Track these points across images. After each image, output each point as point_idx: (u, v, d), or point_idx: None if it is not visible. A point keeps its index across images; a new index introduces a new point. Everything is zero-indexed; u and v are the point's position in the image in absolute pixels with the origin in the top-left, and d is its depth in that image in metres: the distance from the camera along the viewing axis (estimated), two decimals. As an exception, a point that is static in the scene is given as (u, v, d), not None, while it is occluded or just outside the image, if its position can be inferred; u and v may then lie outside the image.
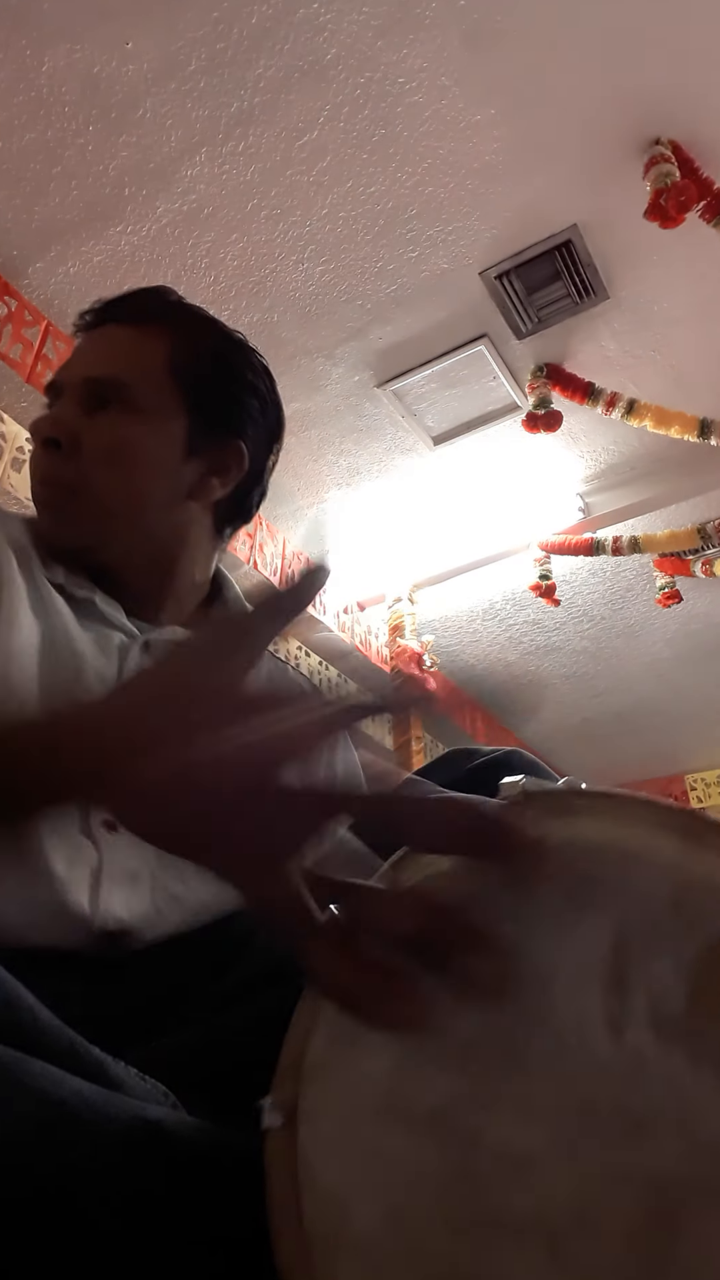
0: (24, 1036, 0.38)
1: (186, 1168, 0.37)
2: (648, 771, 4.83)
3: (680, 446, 2.80)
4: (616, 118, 2.03)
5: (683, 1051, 0.29)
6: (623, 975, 0.31)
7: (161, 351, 0.80)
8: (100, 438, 0.77)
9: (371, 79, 1.95)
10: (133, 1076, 0.45)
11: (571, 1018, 0.31)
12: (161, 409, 0.79)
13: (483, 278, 2.39)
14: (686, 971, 0.30)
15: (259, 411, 0.86)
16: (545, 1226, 0.29)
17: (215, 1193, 0.36)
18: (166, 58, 1.91)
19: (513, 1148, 0.30)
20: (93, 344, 0.83)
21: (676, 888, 0.31)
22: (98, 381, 0.78)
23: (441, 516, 3.23)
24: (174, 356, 0.80)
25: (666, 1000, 0.30)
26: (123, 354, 0.80)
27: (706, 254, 2.30)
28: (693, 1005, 0.30)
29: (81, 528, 0.77)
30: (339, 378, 2.67)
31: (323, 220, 2.25)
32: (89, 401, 0.78)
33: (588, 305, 2.46)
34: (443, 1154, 0.31)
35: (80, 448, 0.76)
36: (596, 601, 3.67)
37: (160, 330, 0.81)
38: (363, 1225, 0.31)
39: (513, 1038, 0.31)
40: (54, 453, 0.77)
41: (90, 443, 0.77)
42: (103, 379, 0.78)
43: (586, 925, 0.32)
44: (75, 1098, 0.36)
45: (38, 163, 2.11)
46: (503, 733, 4.45)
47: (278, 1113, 0.34)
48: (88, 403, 0.78)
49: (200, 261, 2.35)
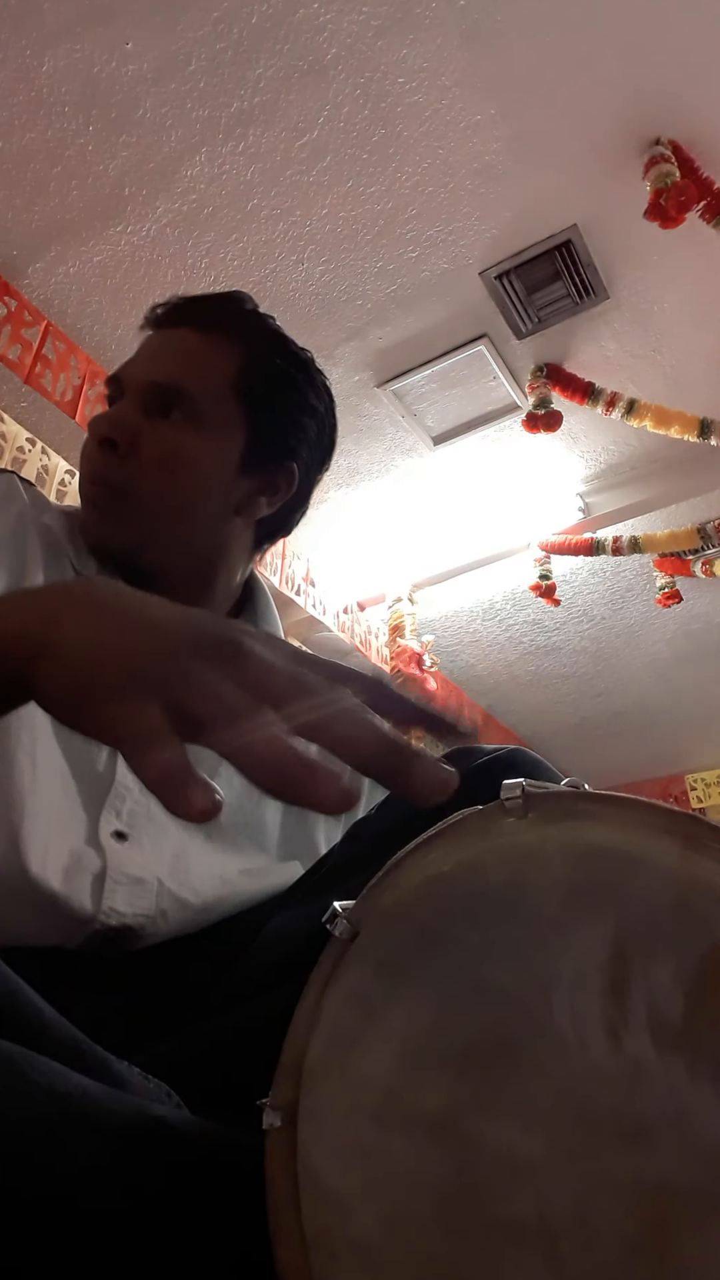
0: (28, 1032, 0.38)
1: (188, 1166, 0.37)
2: (648, 771, 4.83)
3: (680, 446, 2.80)
4: (616, 118, 2.03)
5: (681, 1058, 0.29)
6: (622, 981, 0.31)
7: (230, 366, 0.79)
8: (158, 445, 0.76)
9: (371, 79, 1.95)
10: (135, 1075, 0.45)
11: (571, 1022, 0.31)
12: (221, 424, 0.78)
13: (483, 278, 2.39)
14: (686, 977, 0.30)
15: (315, 434, 0.86)
16: (543, 1231, 0.29)
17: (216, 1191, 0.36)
18: (166, 58, 1.91)
19: (511, 1152, 0.30)
20: (162, 345, 0.82)
21: (677, 893, 0.31)
22: (163, 387, 0.77)
23: (441, 516, 3.23)
24: (241, 373, 0.80)
25: (666, 1006, 0.30)
26: (191, 362, 0.79)
27: (706, 254, 2.30)
28: (692, 1012, 0.30)
29: (124, 531, 0.77)
30: (339, 378, 2.67)
31: (323, 220, 2.25)
32: (150, 405, 0.77)
33: (588, 305, 2.46)
34: (442, 1157, 0.31)
35: (137, 451, 0.76)
36: (596, 601, 3.67)
37: (231, 343, 0.81)
38: (361, 1227, 0.31)
39: (512, 1042, 0.32)
40: (109, 453, 0.76)
41: (147, 448, 0.76)
42: (168, 385, 0.77)
43: (586, 930, 0.32)
44: (79, 1093, 0.36)
45: (38, 163, 2.11)
46: (503, 732, 4.45)
47: (277, 1113, 0.34)
48: (149, 406, 0.77)
49: (200, 261, 2.35)
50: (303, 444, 0.85)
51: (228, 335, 0.81)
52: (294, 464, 0.83)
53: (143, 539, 0.77)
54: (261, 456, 0.81)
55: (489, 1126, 0.31)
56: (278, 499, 0.84)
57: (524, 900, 0.33)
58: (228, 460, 0.79)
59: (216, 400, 0.78)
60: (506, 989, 0.32)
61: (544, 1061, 0.31)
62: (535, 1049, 0.31)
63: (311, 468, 0.87)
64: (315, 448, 0.87)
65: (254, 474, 0.81)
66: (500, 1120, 0.31)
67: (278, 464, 0.83)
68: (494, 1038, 0.32)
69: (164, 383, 0.77)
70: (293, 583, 3.20)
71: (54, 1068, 0.36)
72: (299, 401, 0.84)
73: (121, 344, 2.53)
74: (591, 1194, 0.29)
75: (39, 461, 2.60)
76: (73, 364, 2.43)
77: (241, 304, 0.86)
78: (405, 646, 3.39)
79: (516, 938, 0.33)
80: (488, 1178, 0.30)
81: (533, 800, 0.35)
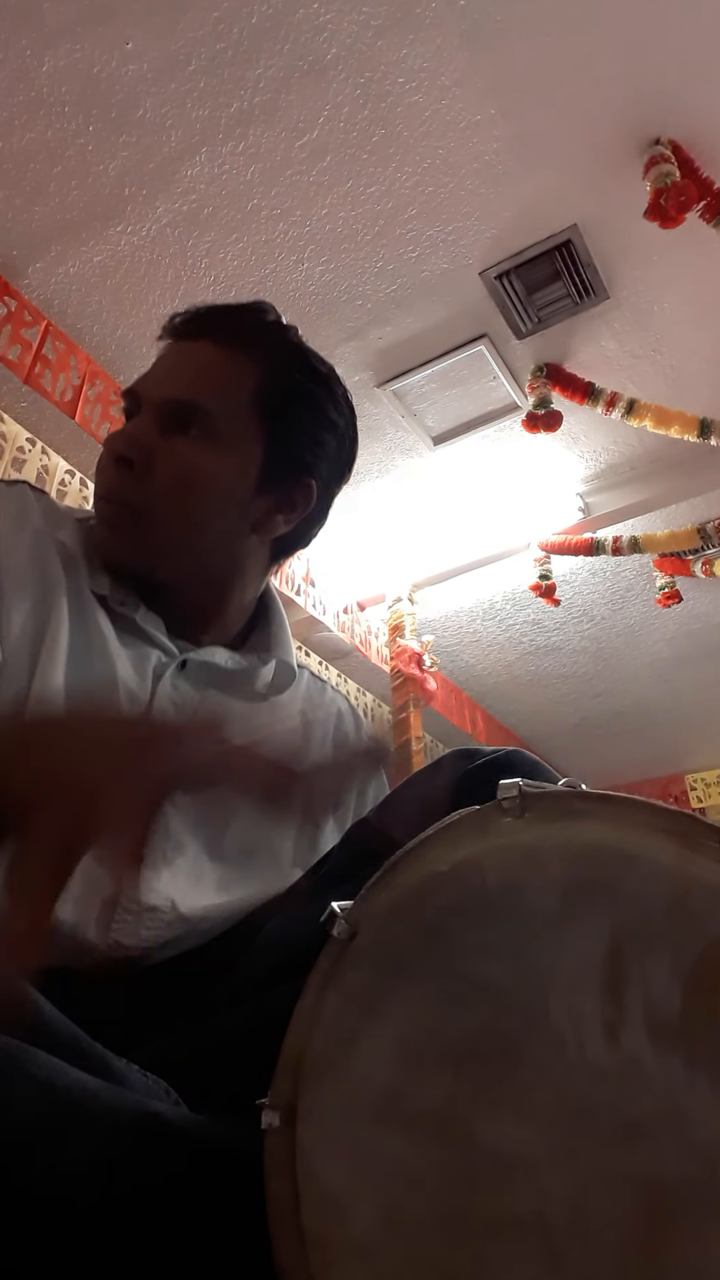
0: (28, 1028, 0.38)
1: (187, 1162, 0.37)
2: (648, 771, 4.83)
3: (680, 446, 2.80)
4: (616, 118, 2.03)
5: (678, 1056, 0.29)
6: (619, 979, 0.31)
7: (249, 382, 0.78)
8: (174, 463, 0.74)
9: (371, 79, 1.95)
10: (135, 1072, 0.45)
11: (568, 1021, 0.31)
12: (240, 441, 0.77)
13: (483, 278, 2.39)
14: (683, 975, 0.30)
15: (335, 450, 0.84)
16: (541, 1228, 0.29)
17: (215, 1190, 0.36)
18: (166, 58, 1.91)
19: (509, 1150, 0.30)
20: (181, 360, 0.80)
21: (674, 891, 0.31)
22: (179, 404, 0.76)
23: (441, 516, 3.23)
24: (260, 388, 0.78)
25: (663, 1004, 0.30)
26: (209, 378, 0.77)
27: (706, 254, 2.30)
28: (688, 1009, 0.30)
29: (139, 549, 0.75)
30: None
31: (323, 220, 2.25)
32: (167, 422, 0.75)
33: (588, 305, 2.46)
34: (440, 1155, 0.31)
35: (153, 470, 0.74)
36: (596, 601, 3.67)
37: (250, 357, 0.79)
38: (360, 1225, 0.31)
39: (510, 1040, 0.32)
40: (125, 471, 0.74)
41: (163, 467, 0.74)
42: (186, 403, 0.75)
43: (584, 928, 0.32)
44: (78, 1090, 0.36)
45: (38, 163, 2.11)
46: (503, 732, 4.45)
47: (276, 1112, 0.34)
48: (166, 423, 0.75)
49: (200, 261, 2.35)
50: (322, 460, 0.83)
51: (247, 349, 0.79)
52: (312, 480, 0.82)
53: (157, 558, 0.76)
54: (280, 473, 0.79)
55: (487, 1125, 0.31)
56: (295, 516, 0.82)
57: (521, 899, 0.33)
58: (245, 478, 0.77)
59: (234, 417, 0.76)
60: (504, 988, 0.32)
61: (542, 1060, 0.31)
62: (533, 1047, 0.31)
63: (330, 483, 0.85)
64: (334, 463, 0.85)
65: (271, 491, 0.79)
66: (498, 1118, 0.31)
67: (296, 480, 0.81)
68: (492, 1036, 0.32)
69: (180, 399, 0.76)
70: (293, 583, 3.20)
71: (53, 1064, 0.36)
72: (318, 417, 0.83)
73: (122, 344, 2.53)
74: (589, 1191, 0.29)
75: (39, 461, 2.61)
76: (73, 364, 2.43)
77: (263, 315, 0.84)
78: (405, 646, 3.39)
79: (514, 937, 0.33)
80: (486, 1176, 0.30)
81: (529, 800, 0.35)
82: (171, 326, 0.82)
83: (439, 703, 3.70)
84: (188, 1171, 0.36)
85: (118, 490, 0.75)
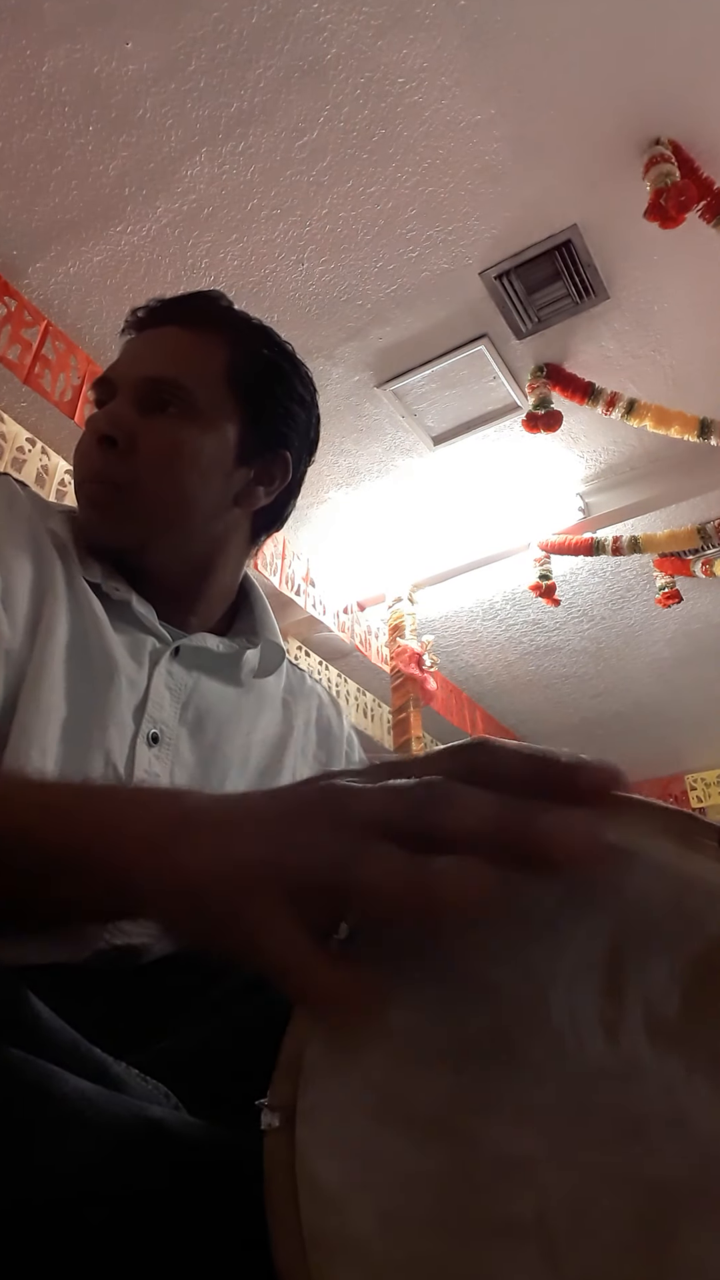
0: (26, 1034, 0.38)
1: (187, 1167, 0.37)
2: (648, 771, 4.83)
3: (680, 446, 2.80)
4: (616, 118, 2.03)
5: (678, 1055, 0.29)
6: (619, 978, 0.31)
7: (220, 358, 0.80)
8: (157, 439, 0.76)
9: (371, 79, 1.95)
10: (134, 1077, 0.45)
11: (568, 1021, 0.31)
12: (217, 416, 0.79)
13: (483, 278, 2.39)
14: (682, 975, 0.30)
15: (305, 423, 0.87)
16: (542, 1229, 0.29)
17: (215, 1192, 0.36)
18: (166, 58, 1.91)
19: (509, 1151, 0.30)
20: (150, 344, 0.82)
21: (673, 891, 0.31)
22: (157, 382, 0.77)
23: (441, 516, 3.23)
24: (231, 364, 0.80)
25: (662, 1004, 0.30)
26: (183, 357, 0.79)
27: (706, 254, 2.30)
28: (688, 1009, 0.30)
29: (127, 528, 0.77)
30: (339, 378, 2.67)
31: (323, 220, 2.25)
32: (145, 402, 0.77)
33: (588, 305, 2.46)
34: (440, 1156, 0.31)
35: (136, 448, 0.76)
36: (596, 601, 3.67)
37: (218, 337, 0.81)
38: (360, 1227, 0.31)
39: (509, 1040, 0.32)
40: (109, 450, 0.76)
41: (147, 444, 0.76)
42: (162, 380, 0.77)
43: (583, 928, 0.32)
44: (77, 1095, 0.36)
45: (38, 163, 2.11)
46: (502, 732, 4.46)
47: (275, 1113, 0.34)
48: (144, 403, 0.77)
49: (200, 261, 2.35)
50: (294, 432, 0.85)
51: (215, 329, 0.82)
52: (287, 452, 0.84)
53: (144, 537, 0.77)
54: (257, 446, 0.82)
55: (487, 1125, 0.31)
56: (274, 488, 0.85)
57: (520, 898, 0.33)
58: (225, 451, 0.80)
59: (210, 392, 0.78)
60: (503, 987, 0.32)
61: (541, 1060, 0.31)
62: (532, 1047, 0.31)
63: (302, 457, 0.87)
64: (304, 437, 0.87)
65: (250, 464, 0.82)
66: (498, 1119, 0.31)
67: (272, 453, 0.83)
68: (491, 1036, 0.32)
69: (158, 377, 0.77)
70: (293, 583, 3.21)
71: (51, 1070, 0.36)
72: (289, 390, 0.85)
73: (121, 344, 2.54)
74: (589, 1192, 0.29)
75: (39, 461, 2.61)
76: (72, 364, 2.43)
77: (220, 301, 0.87)
78: (405, 646, 3.39)
79: (513, 936, 0.33)
80: (486, 1176, 0.30)
81: (530, 800, 0.35)
82: (136, 319, 0.85)
83: (439, 703, 3.70)
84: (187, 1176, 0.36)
85: (103, 470, 0.76)
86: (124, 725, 0.70)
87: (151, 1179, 0.36)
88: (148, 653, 0.75)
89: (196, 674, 0.79)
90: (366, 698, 4.03)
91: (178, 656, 0.77)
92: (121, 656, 0.72)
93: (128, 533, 0.76)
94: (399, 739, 3.44)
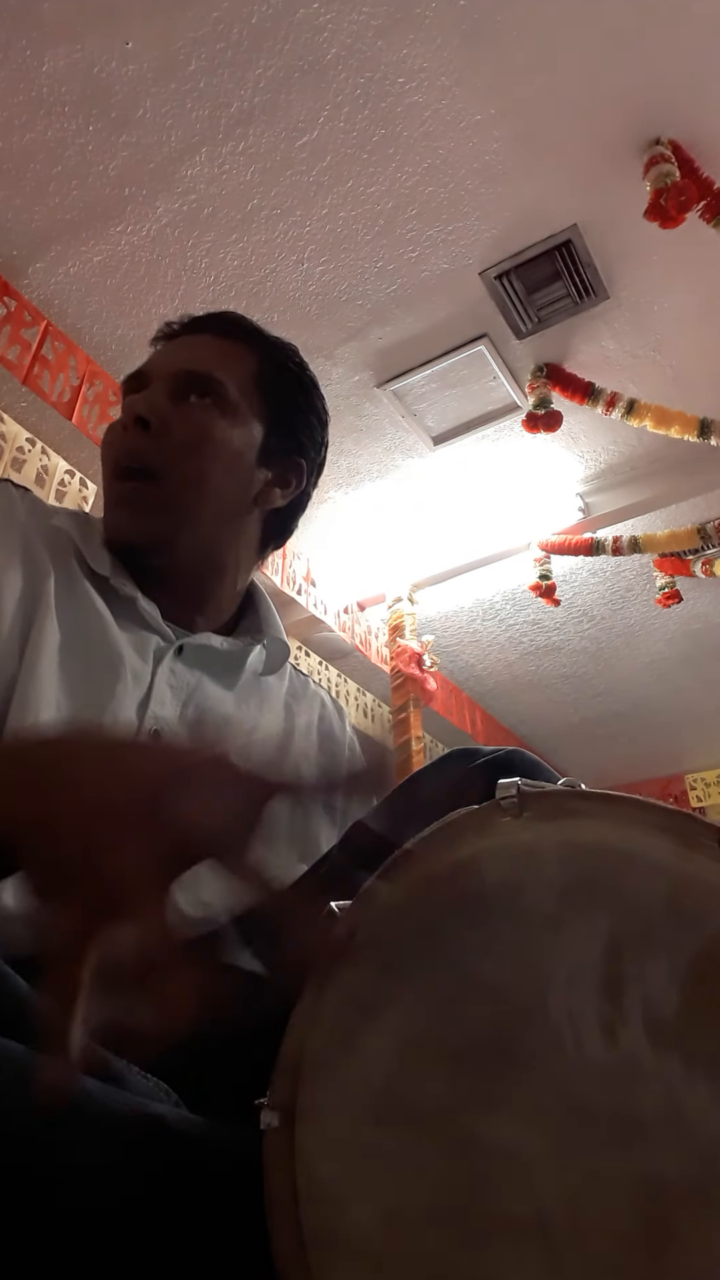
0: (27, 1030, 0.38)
1: (187, 1164, 0.37)
2: (648, 771, 4.83)
3: (680, 446, 2.80)
4: (616, 118, 2.03)
5: (676, 1054, 0.29)
6: (617, 977, 0.31)
7: (250, 363, 0.85)
8: (191, 425, 0.79)
9: (371, 79, 1.95)
10: (135, 1074, 0.45)
11: (567, 1020, 0.31)
12: (246, 415, 0.83)
13: (483, 278, 2.39)
14: (681, 974, 0.30)
15: (319, 440, 0.92)
16: (541, 1228, 0.29)
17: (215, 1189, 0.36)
18: (166, 58, 1.91)
19: (508, 1149, 0.30)
20: (185, 345, 0.86)
21: (672, 890, 0.31)
22: (193, 374, 0.81)
23: (441, 516, 3.23)
24: (260, 373, 0.85)
25: (661, 1003, 0.30)
26: (217, 356, 0.84)
27: (706, 254, 2.30)
28: (687, 1008, 0.30)
29: (156, 520, 0.78)
30: (339, 378, 2.67)
31: (323, 220, 2.25)
32: (180, 391, 0.80)
33: (588, 305, 2.46)
34: (439, 1155, 0.31)
35: (169, 432, 0.78)
36: (596, 601, 3.67)
37: (248, 347, 0.86)
38: (360, 1225, 0.31)
39: (509, 1040, 0.32)
40: (142, 432, 0.78)
41: (180, 429, 0.79)
42: (199, 373, 0.81)
43: (582, 927, 0.32)
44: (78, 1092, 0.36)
45: (38, 163, 2.11)
46: (502, 732, 4.45)
47: (275, 1113, 0.34)
48: (179, 393, 0.80)
49: (200, 261, 2.35)
50: (310, 444, 0.89)
51: (245, 340, 0.87)
52: (303, 460, 0.88)
53: (170, 530, 0.79)
54: (277, 450, 0.85)
55: (486, 1124, 0.31)
56: (290, 493, 0.88)
57: (520, 898, 0.33)
58: (250, 448, 0.83)
59: (241, 390, 0.82)
60: (503, 987, 0.33)
61: (540, 1059, 0.31)
62: (532, 1046, 0.31)
63: (313, 470, 0.91)
64: (317, 452, 0.92)
65: (269, 466, 0.85)
66: (497, 1117, 0.31)
67: (290, 459, 0.87)
68: (491, 1035, 0.32)
69: (195, 370, 0.81)
70: (293, 583, 3.21)
71: None
72: (310, 404, 0.90)
73: (121, 344, 2.53)
74: (588, 1190, 0.29)
75: (39, 461, 2.61)
76: (71, 364, 2.43)
77: (245, 321, 0.91)
78: (405, 646, 3.39)
79: (512, 936, 0.33)
80: (485, 1174, 0.30)
81: (528, 799, 0.35)
82: (169, 330, 0.89)
83: (439, 703, 3.70)
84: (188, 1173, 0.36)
85: (137, 449, 0.78)
86: (128, 720, 0.71)
87: (152, 1176, 0.36)
88: (151, 650, 0.76)
89: (199, 673, 0.80)
90: (366, 698, 4.03)
91: (181, 655, 0.78)
92: (127, 652, 0.74)
93: (155, 525, 0.78)
94: (399, 739, 3.44)
